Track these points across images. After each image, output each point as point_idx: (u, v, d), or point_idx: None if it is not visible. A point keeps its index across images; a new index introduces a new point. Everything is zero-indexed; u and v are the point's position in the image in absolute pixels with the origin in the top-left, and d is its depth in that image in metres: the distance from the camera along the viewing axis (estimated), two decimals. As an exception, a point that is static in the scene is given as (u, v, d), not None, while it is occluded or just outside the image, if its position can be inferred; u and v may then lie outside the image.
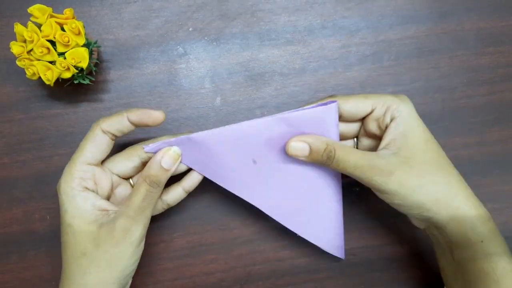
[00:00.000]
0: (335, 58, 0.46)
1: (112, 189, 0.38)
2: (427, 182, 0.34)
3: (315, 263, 0.44)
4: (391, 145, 0.35)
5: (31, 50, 0.38)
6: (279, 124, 0.36)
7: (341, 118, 0.37)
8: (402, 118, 0.35)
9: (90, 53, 0.40)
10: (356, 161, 0.34)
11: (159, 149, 0.36)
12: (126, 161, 0.37)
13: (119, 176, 0.38)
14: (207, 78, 0.45)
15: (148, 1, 0.45)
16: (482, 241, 0.34)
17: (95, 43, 0.41)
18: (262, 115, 0.45)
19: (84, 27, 0.39)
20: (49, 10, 0.38)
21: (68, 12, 0.38)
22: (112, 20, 0.45)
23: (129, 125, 0.36)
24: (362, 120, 0.38)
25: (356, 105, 0.36)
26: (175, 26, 0.45)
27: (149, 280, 0.43)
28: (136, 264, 0.36)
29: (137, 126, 0.36)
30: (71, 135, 0.44)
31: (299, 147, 0.35)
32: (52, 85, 0.39)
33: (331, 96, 0.37)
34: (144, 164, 0.37)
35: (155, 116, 0.35)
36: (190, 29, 0.45)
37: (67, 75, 0.38)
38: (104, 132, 0.35)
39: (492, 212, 0.45)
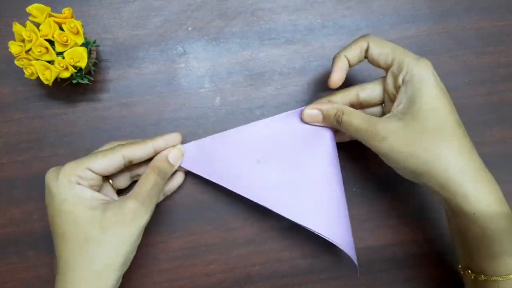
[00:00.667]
0: (335, 58, 0.46)
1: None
2: (418, 151, 0.34)
3: (315, 264, 0.44)
4: (398, 109, 0.36)
5: (30, 49, 0.37)
6: (282, 121, 0.39)
7: (368, 58, 0.38)
8: (412, 83, 0.35)
9: (89, 53, 0.39)
10: (358, 124, 0.36)
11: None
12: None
13: (97, 174, 0.36)
14: (207, 77, 0.45)
15: (147, 0, 0.45)
16: (474, 213, 0.33)
17: (94, 42, 0.41)
18: (262, 115, 0.45)
19: (82, 26, 0.38)
20: (47, 9, 0.38)
21: (66, 11, 0.38)
22: (111, 19, 0.45)
23: (151, 153, 0.38)
24: (385, 76, 0.38)
25: (380, 54, 0.37)
26: (174, 25, 0.45)
27: (148, 281, 0.43)
28: (135, 252, 0.36)
29: (156, 152, 0.39)
30: (70, 135, 0.44)
31: (313, 113, 0.39)
32: (50, 84, 0.39)
33: (363, 36, 0.38)
34: (128, 162, 0.37)
35: (177, 139, 0.40)
36: (190, 28, 0.45)
37: (65, 74, 0.38)
38: (123, 157, 0.37)
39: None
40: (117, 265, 0.34)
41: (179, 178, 0.43)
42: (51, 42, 0.37)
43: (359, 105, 0.40)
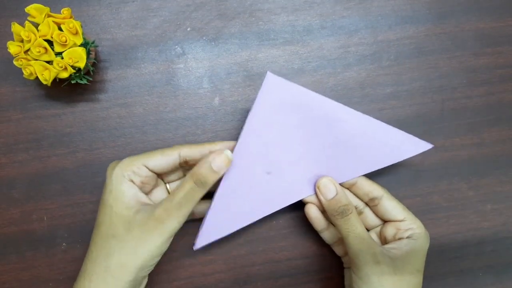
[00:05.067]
0: (334, 58, 0.46)
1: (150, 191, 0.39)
2: None
3: (314, 264, 0.44)
4: (394, 249, 0.38)
5: (28, 50, 0.37)
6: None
7: (375, 208, 0.40)
8: (416, 242, 0.38)
9: (88, 53, 0.39)
10: (362, 231, 0.37)
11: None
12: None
13: (153, 172, 0.37)
14: (206, 78, 0.45)
15: (146, 1, 0.45)
16: None
17: (93, 42, 0.41)
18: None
19: (81, 26, 0.38)
20: (46, 9, 0.38)
21: (65, 11, 0.38)
22: (110, 19, 0.45)
23: (206, 153, 0.37)
24: (385, 222, 0.41)
25: (394, 208, 0.39)
26: (173, 25, 0.45)
27: (147, 281, 0.43)
28: (158, 259, 0.36)
29: None
30: (69, 135, 0.44)
31: (329, 187, 0.38)
32: (49, 85, 0.39)
33: (379, 185, 0.40)
34: (184, 162, 0.38)
35: (229, 145, 0.38)
36: (188, 29, 0.45)
37: (64, 75, 0.38)
38: (180, 155, 0.37)
39: (490, 213, 0.45)
40: (132, 266, 0.34)
41: None
42: (50, 42, 0.37)
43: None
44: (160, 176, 0.39)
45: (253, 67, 0.45)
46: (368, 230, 0.42)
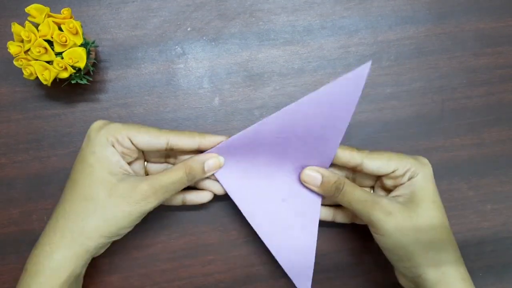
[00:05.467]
0: (334, 59, 0.46)
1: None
2: (423, 237, 0.35)
3: (314, 264, 0.44)
4: (399, 196, 0.37)
5: (29, 50, 0.37)
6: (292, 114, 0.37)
7: (362, 172, 0.38)
8: (417, 179, 0.37)
9: (88, 53, 0.39)
10: (361, 195, 0.36)
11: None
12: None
13: (136, 147, 0.37)
14: (206, 78, 0.45)
15: (146, 1, 0.45)
16: None
17: (93, 43, 0.41)
18: (261, 115, 0.45)
19: (81, 26, 0.38)
20: (46, 9, 0.38)
21: (65, 11, 0.38)
22: (110, 20, 0.45)
23: (195, 147, 0.38)
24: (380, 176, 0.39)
25: (380, 166, 0.37)
26: (173, 26, 0.45)
27: (147, 281, 0.43)
28: (128, 230, 0.36)
29: (199, 150, 0.38)
30: (69, 135, 0.44)
31: (312, 175, 0.38)
32: (49, 85, 0.39)
33: (358, 149, 0.38)
34: (169, 149, 0.37)
35: (219, 140, 0.38)
36: (189, 29, 0.45)
37: (64, 75, 0.38)
38: (167, 142, 0.37)
39: (490, 213, 0.45)
40: (106, 232, 0.34)
41: (207, 195, 0.41)
42: (50, 43, 0.37)
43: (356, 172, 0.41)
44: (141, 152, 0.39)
45: (253, 67, 0.45)
46: (372, 188, 0.41)
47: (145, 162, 0.40)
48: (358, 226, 0.44)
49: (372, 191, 0.41)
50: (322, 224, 0.44)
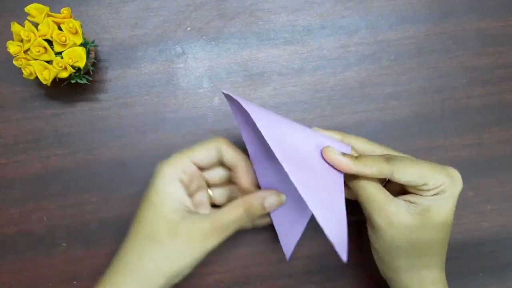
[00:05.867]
0: (334, 58, 0.46)
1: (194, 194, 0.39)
2: (415, 250, 0.34)
3: (314, 264, 0.44)
4: (414, 204, 0.35)
5: (28, 49, 0.37)
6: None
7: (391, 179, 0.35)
8: (443, 197, 0.34)
9: (88, 53, 0.39)
10: (371, 194, 0.34)
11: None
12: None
13: (199, 167, 0.37)
14: (206, 77, 0.45)
15: (146, 1, 0.45)
16: None
17: (93, 42, 0.41)
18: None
19: (81, 26, 0.38)
20: (46, 9, 0.38)
21: (65, 11, 0.38)
22: (109, 19, 0.45)
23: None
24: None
25: (410, 181, 0.34)
26: (173, 25, 0.45)
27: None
28: (191, 270, 0.36)
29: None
30: (68, 135, 0.43)
31: (337, 159, 0.35)
32: (49, 84, 0.39)
33: (387, 159, 0.34)
34: (220, 160, 0.37)
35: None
36: (188, 29, 0.45)
37: (64, 74, 0.38)
38: (217, 150, 0.37)
39: (491, 213, 0.45)
40: (167, 273, 0.34)
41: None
42: (50, 42, 0.37)
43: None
44: (203, 170, 0.39)
45: (253, 67, 0.45)
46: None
47: (209, 190, 0.40)
48: (358, 226, 0.44)
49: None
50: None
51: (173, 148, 0.44)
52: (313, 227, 0.44)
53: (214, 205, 0.40)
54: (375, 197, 0.34)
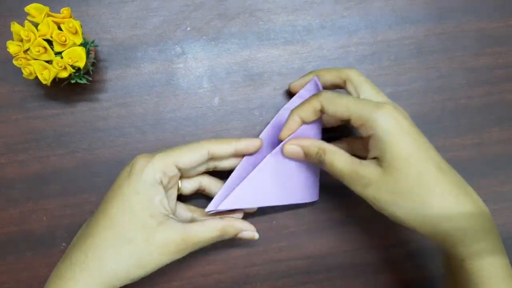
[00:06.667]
0: (334, 58, 0.46)
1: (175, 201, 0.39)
2: (401, 200, 0.33)
3: (314, 264, 0.44)
4: (376, 159, 0.34)
5: (28, 49, 0.37)
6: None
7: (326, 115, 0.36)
8: (378, 136, 0.33)
9: (87, 53, 0.39)
10: (342, 167, 0.35)
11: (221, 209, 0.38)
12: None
13: (181, 170, 0.37)
14: (205, 77, 0.45)
15: (146, 0, 0.45)
16: (461, 241, 0.33)
17: (93, 42, 0.41)
18: (261, 115, 0.45)
19: (81, 26, 0.38)
20: (46, 9, 0.38)
21: (65, 11, 0.38)
22: (109, 19, 0.45)
23: (232, 153, 0.38)
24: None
25: (337, 111, 0.35)
26: (173, 25, 0.45)
27: (146, 282, 0.43)
28: (140, 278, 0.36)
29: (235, 155, 0.39)
30: (68, 135, 0.43)
31: (294, 150, 0.37)
32: (49, 84, 0.38)
33: (317, 94, 0.36)
34: (211, 158, 0.38)
35: (257, 145, 0.39)
36: (188, 29, 0.45)
37: (64, 74, 0.38)
38: (208, 152, 0.37)
39: (491, 212, 0.45)
40: (135, 276, 0.35)
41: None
42: (50, 42, 0.37)
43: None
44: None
45: (253, 67, 0.45)
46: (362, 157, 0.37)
47: (179, 182, 0.39)
48: (358, 227, 0.44)
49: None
50: (321, 225, 0.44)
51: (173, 148, 0.44)
52: (313, 227, 0.44)
53: (180, 196, 0.40)
54: (345, 167, 0.35)
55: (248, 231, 0.39)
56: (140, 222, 0.34)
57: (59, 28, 0.38)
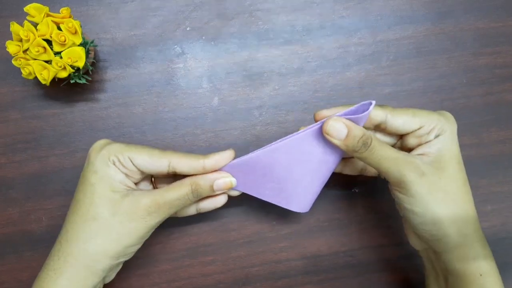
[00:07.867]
0: (333, 58, 0.46)
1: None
2: (450, 200, 0.34)
3: (313, 264, 0.44)
4: (424, 155, 0.35)
5: (27, 49, 0.37)
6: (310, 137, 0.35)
7: (385, 131, 0.37)
8: (444, 137, 0.35)
9: (87, 53, 0.39)
10: (391, 152, 0.34)
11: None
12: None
13: (137, 168, 0.36)
14: (205, 77, 0.45)
15: (146, 1, 0.45)
16: (481, 275, 0.34)
17: (92, 42, 0.41)
18: (260, 115, 0.45)
19: (81, 26, 0.38)
20: (45, 9, 0.38)
21: (64, 11, 0.38)
22: (109, 19, 0.45)
23: (200, 170, 0.35)
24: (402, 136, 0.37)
25: (405, 123, 0.35)
26: (172, 25, 0.45)
27: (146, 281, 0.43)
28: (137, 247, 0.36)
29: (205, 172, 0.36)
30: (68, 135, 0.43)
31: (338, 127, 0.33)
32: (48, 84, 0.38)
33: (380, 106, 0.36)
34: (172, 172, 0.36)
35: (228, 157, 0.36)
36: (188, 29, 0.45)
37: (63, 74, 0.38)
38: (169, 164, 0.35)
39: (490, 213, 0.45)
40: (112, 252, 0.34)
41: (221, 199, 0.38)
42: (49, 42, 0.37)
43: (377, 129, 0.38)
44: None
45: (253, 67, 0.45)
46: None
47: (153, 178, 0.39)
48: (357, 227, 0.44)
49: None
50: (321, 225, 0.44)
51: (172, 148, 0.44)
52: (313, 228, 0.44)
53: None
54: (397, 155, 0.34)
55: (223, 178, 0.36)
56: (103, 198, 0.34)
57: (59, 28, 0.38)
